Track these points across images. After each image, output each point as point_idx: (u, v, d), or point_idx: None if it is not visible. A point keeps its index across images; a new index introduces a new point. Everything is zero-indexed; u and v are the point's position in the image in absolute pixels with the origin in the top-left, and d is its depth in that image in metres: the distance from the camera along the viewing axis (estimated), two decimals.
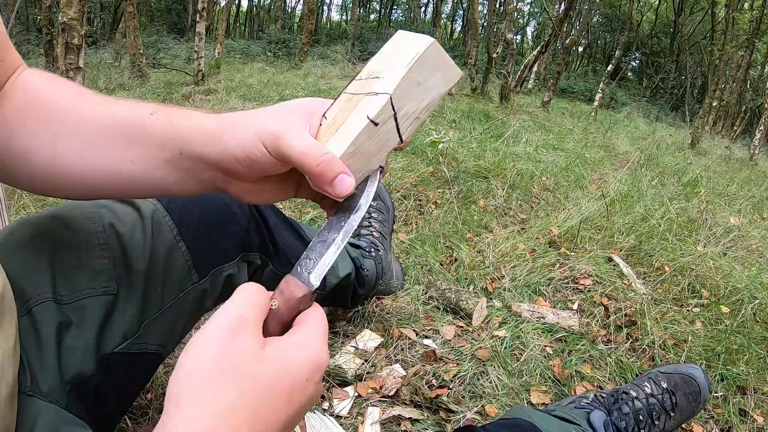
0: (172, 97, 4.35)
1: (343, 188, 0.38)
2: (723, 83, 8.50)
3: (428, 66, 0.39)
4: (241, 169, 0.40)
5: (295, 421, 0.34)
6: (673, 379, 0.92)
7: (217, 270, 0.69)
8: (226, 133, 0.40)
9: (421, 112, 0.41)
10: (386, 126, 0.39)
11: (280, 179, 0.43)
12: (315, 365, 0.34)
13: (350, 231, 0.39)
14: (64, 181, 0.44)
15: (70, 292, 0.53)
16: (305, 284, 0.37)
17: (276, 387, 0.32)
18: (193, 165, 0.42)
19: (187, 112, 0.43)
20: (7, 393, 0.42)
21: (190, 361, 0.32)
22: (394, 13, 26.32)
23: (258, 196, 0.44)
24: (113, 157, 0.43)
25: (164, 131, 0.42)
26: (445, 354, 1.09)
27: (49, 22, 5.64)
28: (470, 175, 2.38)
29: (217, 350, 0.32)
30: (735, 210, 2.58)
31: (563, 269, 1.50)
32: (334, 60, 9.39)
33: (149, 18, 15.33)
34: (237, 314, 0.33)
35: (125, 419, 0.86)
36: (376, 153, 0.40)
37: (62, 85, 0.46)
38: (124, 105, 0.44)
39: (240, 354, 0.32)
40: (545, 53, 8.92)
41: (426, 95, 0.40)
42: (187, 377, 0.31)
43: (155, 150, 0.42)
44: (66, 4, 2.74)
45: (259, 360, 0.32)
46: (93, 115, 0.44)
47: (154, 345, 0.61)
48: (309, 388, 0.34)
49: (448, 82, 0.41)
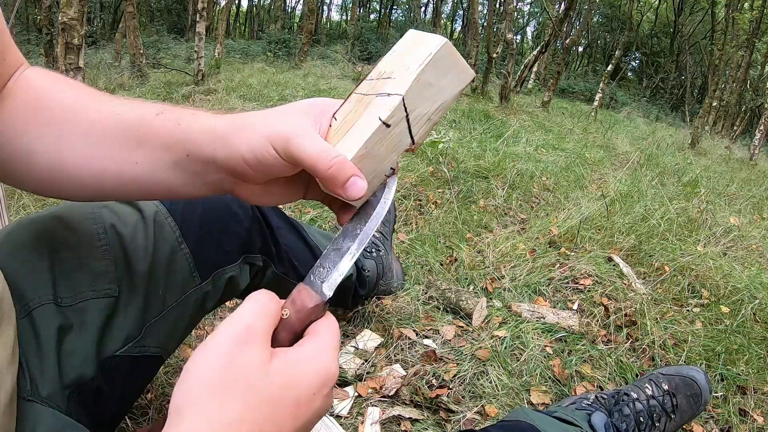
0: (172, 97, 4.35)
1: (355, 191, 0.37)
2: (723, 83, 8.50)
3: (441, 67, 0.39)
4: (250, 171, 0.39)
5: None
6: (674, 380, 0.92)
7: (219, 272, 0.68)
8: (235, 135, 0.39)
9: (434, 113, 0.40)
10: (398, 128, 0.39)
11: (289, 181, 0.43)
12: (323, 379, 0.34)
13: (365, 240, 0.38)
14: (69, 183, 0.44)
15: (70, 294, 0.52)
16: (318, 294, 0.36)
17: (282, 401, 0.31)
18: (200, 167, 0.41)
19: (195, 113, 0.42)
20: (6, 401, 0.42)
21: (196, 371, 0.31)
22: (394, 13, 26.33)
23: (266, 199, 0.44)
24: (119, 159, 0.42)
25: (172, 133, 0.41)
26: (445, 354, 1.09)
27: (49, 22, 5.64)
28: (470, 175, 2.38)
29: (223, 361, 0.31)
30: (735, 210, 2.58)
31: (563, 269, 1.50)
32: (334, 60, 9.40)
33: (149, 18, 15.34)
34: (245, 324, 0.33)
35: (125, 419, 0.86)
36: (388, 155, 0.40)
37: (66, 85, 0.45)
38: (130, 105, 0.44)
39: (247, 366, 0.31)
40: (545, 53, 8.93)
41: (438, 96, 0.39)
42: (192, 387, 0.30)
43: (162, 152, 0.41)
44: (66, 4, 2.74)
45: (266, 373, 0.32)
46: (98, 116, 0.43)
47: (155, 347, 0.61)
48: (316, 401, 0.33)
49: (460, 83, 0.40)
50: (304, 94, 4.73)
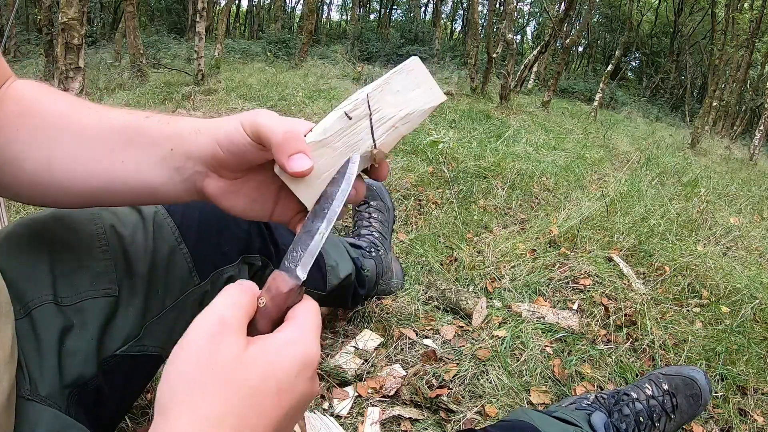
0: (172, 97, 4.35)
1: (299, 165, 0.38)
2: (723, 83, 8.49)
3: (410, 78, 0.42)
4: (222, 155, 0.41)
5: (288, 421, 0.33)
6: (674, 381, 0.92)
7: (218, 272, 0.68)
8: (215, 125, 0.42)
9: (399, 122, 0.42)
10: (359, 124, 0.41)
11: (259, 186, 0.44)
12: (303, 362, 0.33)
13: (333, 218, 0.39)
14: (57, 188, 0.44)
15: (70, 294, 0.53)
16: (292, 278, 0.36)
17: (261, 389, 0.31)
18: (181, 161, 0.43)
19: (183, 117, 0.45)
20: (4, 399, 0.42)
21: (174, 369, 0.31)
22: (394, 13, 26.31)
23: (234, 201, 0.44)
24: (106, 160, 0.43)
25: (160, 130, 0.43)
26: (445, 354, 1.09)
27: (49, 22, 5.64)
28: (470, 175, 2.38)
29: (200, 356, 0.31)
30: (735, 210, 2.58)
31: (563, 269, 1.50)
32: (334, 60, 9.39)
33: (149, 18, 15.34)
34: (217, 317, 0.33)
35: (125, 419, 0.86)
36: (345, 151, 0.41)
37: (58, 95, 0.47)
38: (120, 111, 0.46)
39: (222, 358, 0.31)
40: (545, 53, 8.93)
41: (405, 106, 0.42)
42: (173, 386, 0.31)
43: (150, 148, 0.43)
44: (66, 4, 2.74)
45: (242, 362, 0.31)
46: (89, 120, 0.44)
47: (155, 347, 0.61)
48: (298, 386, 0.33)
49: (429, 100, 0.43)
50: (304, 94, 4.72)
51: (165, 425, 0.29)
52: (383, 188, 1.36)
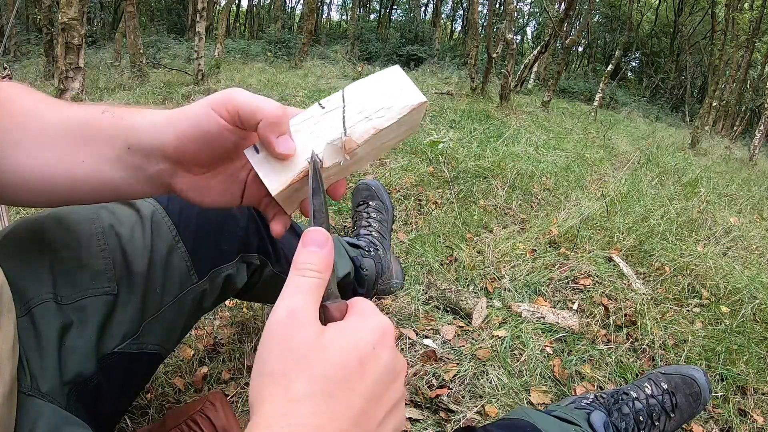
0: (172, 97, 4.35)
1: (285, 147, 0.39)
2: (723, 83, 8.49)
3: (387, 80, 0.44)
4: (188, 146, 0.40)
5: (379, 394, 0.32)
6: (674, 380, 0.92)
7: (216, 270, 0.68)
8: (176, 115, 0.41)
9: (372, 114, 0.42)
10: (332, 114, 0.42)
11: (227, 179, 0.44)
12: (381, 331, 0.34)
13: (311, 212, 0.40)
14: (23, 189, 0.44)
15: (70, 292, 0.53)
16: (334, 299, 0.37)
17: (344, 363, 0.31)
18: (141, 160, 0.42)
19: (140, 110, 0.43)
20: (5, 392, 0.42)
21: (257, 368, 0.32)
22: (394, 13, 26.33)
23: (203, 195, 0.44)
24: (67, 160, 0.43)
25: (114, 126, 0.42)
26: (445, 354, 1.09)
27: (49, 22, 5.65)
28: (470, 175, 2.37)
29: (279, 347, 0.31)
30: (735, 210, 2.58)
31: (563, 269, 1.50)
32: (334, 60, 9.40)
33: (149, 18, 15.33)
34: (289, 310, 0.33)
35: (125, 419, 0.86)
36: (316, 140, 0.42)
37: (23, 91, 0.46)
38: (79, 107, 0.45)
39: (302, 346, 0.31)
40: (545, 53, 8.93)
41: (380, 101, 0.43)
42: (258, 383, 0.31)
43: (105, 147, 0.43)
44: (66, 4, 2.74)
45: (322, 345, 0.32)
46: (50, 119, 0.44)
47: (154, 345, 0.61)
48: (381, 355, 0.33)
49: (407, 100, 0.43)
50: (304, 93, 4.71)
51: (252, 420, 0.30)
52: (382, 188, 1.37)
